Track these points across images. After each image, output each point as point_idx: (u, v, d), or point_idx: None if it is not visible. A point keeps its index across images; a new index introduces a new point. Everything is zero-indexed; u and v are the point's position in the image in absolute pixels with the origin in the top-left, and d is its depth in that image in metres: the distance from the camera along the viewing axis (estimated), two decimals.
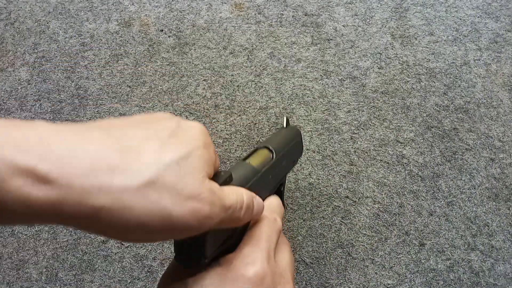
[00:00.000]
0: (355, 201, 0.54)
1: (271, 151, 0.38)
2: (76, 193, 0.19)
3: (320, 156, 0.56)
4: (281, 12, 0.68)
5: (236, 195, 0.28)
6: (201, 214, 0.23)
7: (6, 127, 0.19)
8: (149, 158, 0.22)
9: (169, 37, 0.66)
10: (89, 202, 0.19)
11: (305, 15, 0.68)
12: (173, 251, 0.51)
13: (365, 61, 0.64)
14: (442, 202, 0.53)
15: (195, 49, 0.65)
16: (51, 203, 0.18)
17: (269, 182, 0.37)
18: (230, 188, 0.28)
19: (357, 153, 0.56)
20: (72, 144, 0.20)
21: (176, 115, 0.59)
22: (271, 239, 0.32)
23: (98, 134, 0.21)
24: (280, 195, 0.41)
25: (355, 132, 0.58)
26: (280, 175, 0.40)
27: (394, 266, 0.50)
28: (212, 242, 0.29)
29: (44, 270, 0.50)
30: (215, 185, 0.26)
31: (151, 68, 0.63)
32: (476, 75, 0.62)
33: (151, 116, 0.26)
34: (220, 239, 0.30)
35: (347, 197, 0.54)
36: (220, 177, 0.29)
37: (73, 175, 0.19)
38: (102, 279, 0.49)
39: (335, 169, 0.55)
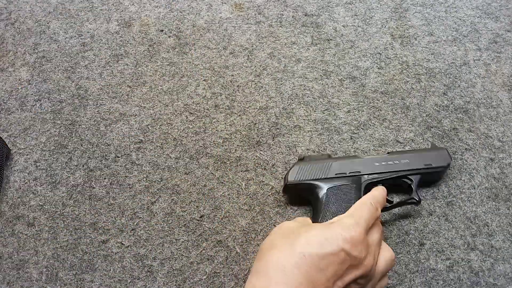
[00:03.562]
0: None
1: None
2: None
3: None
4: (281, 12, 0.68)
5: None
6: None
7: None
8: None
9: (169, 37, 0.66)
10: None
11: (305, 15, 0.68)
12: (172, 251, 0.51)
13: (364, 61, 0.64)
14: (442, 202, 0.53)
15: (195, 49, 0.65)
16: None
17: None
18: None
19: (356, 153, 0.56)
20: None
21: (177, 114, 0.59)
22: (368, 221, 0.40)
23: None
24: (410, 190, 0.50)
25: (355, 132, 0.58)
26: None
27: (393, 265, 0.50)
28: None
29: (45, 270, 0.50)
30: None
31: (151, 68, 0.63)
32: (475, 75, 0.62)
33: None
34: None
35: None
36: None
37: None
38: (103, 279, 0.50)
39: None
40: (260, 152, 0.57)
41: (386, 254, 0.41)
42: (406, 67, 0.63)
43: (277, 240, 0.39)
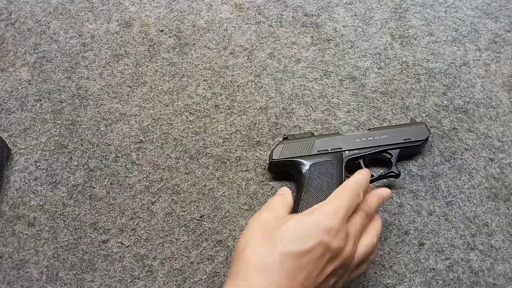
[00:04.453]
0: None
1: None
2: None
3: None
4: (281, 13, 0.68)
5: None
6: None
7: None
8: None
9: (169, 37, 0.66)
10: None
11: (305, 16, 0.68)
12: (173, 251, 0.51)
13: (364, 61, 0.64)
14: (442, 201, 0.53)
15: (195, 49, 0.65)
16: None
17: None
18: None
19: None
20: None
21: (177, 114, 0.59)
22: (348, 209, 0.39)
23: None
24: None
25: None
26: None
27: (393, 265, 0.50)
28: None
29: (45, 269, 0.50)
30: None
31: (152, 68, 0.63)
32: (475, 75, 0.63)
33: None
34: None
35: None
36: None
37: None
38: (103, 279, 0.50)
39: None
40: (260, 152, 0.57)
41: (366, 241, 0.40)
42: (406, 67, 0.63)
43: (254, 237, 0.37)
